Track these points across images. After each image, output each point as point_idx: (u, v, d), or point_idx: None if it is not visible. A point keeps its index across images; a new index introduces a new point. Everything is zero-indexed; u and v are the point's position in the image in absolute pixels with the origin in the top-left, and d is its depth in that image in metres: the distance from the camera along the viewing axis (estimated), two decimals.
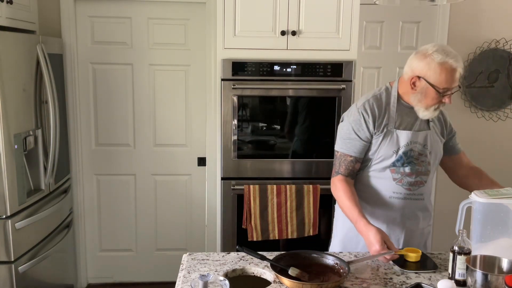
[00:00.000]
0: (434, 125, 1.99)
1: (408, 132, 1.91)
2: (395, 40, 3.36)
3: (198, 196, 3.53)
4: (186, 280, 1.61)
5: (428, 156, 1.95)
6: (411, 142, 1.91)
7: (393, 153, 1.91)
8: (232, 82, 2.75)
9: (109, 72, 3.36)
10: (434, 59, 1.80)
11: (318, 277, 1.63)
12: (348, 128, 1.95)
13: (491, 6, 3.33)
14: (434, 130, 1.99)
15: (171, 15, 3.31)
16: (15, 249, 2.45)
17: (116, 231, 3.55)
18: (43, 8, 3.17)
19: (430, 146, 1.96)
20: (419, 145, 1.93)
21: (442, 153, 2.04)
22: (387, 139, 1.91)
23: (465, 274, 1.57)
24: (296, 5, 2.72)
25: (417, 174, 1.94)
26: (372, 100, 1.94)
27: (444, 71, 1.79)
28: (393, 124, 1.92)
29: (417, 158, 1.93)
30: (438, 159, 2.03)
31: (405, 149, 1.91)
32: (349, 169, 1.95)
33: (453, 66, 1.79)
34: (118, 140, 3.45)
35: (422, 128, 1.95)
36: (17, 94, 2.48)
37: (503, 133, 3.48)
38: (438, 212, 3.55)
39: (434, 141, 1.98)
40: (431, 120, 1.98)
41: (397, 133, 1.91)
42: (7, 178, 2.39)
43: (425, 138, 1.94)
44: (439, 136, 2.01)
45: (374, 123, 1.91)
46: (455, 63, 1.79)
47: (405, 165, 1.91)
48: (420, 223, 2.00)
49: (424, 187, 1.97)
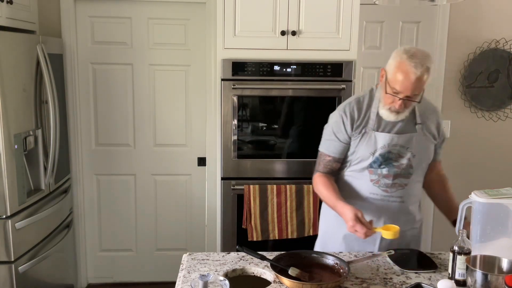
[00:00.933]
0: (424, 127, 1.96)
1: (386, 135, 1.90)
2: (395, 40, 3.36)
3: (198, 196, 3.53)
4: (186, 280, 1.61)
5: (411, 159, 1.92)
6: (390, 144, 1.89)
7: (370, 154, 1.91)
8: (232, 82, 2.75)
9: (109, 72, 3.36)
10: (398, 55, 1.78)
11: (318, 277, 1.63)
12: (329, 129, 1.99)
13: (491, 6, 3.33)
14: (422, 133, 1.95)
15: (171, 15, 3.31)
16: (15, 249, 2.45)
17: (116, 231, 3.55)
18: (43, 8, 3.17)
19: (415, 149, 1.93)
20: (401, 148, 1.91)
21: (431, 157, 2.01)
22: (364, 140, 1.92)
23: (465, 274, 1.57)
24: (296, 5, 2.72)
25: (395, 177, 1.92)
26: (354, 103, 1.95)
27: (399, 72, 1.76)
28: (372, 126, 1.91)
29: (397, 160, 1.91)
30: (425, 162, 1.99)
31: (382, 151, 1.90)
32: (327, 167, 1.99)
33: (408, 69, 1.73)
34: (118, 140, 3.45)
35: (406, 130, 1.92)
36: (17, 94, 2.48)
37: (503, 133, 3.48)
38: (438, 212, 3.54)
39: (421, 144, 1.94)
40: (421, 122, 1.94)
41: (375, 135, 1.91)
42: (7, 178, 2.39)
43: (408, 140, 1.91)
44: (431, 139, 1.98)
45: (352, 125, 1.92)
46: (413, 68, 1.73)
47: (382, 166, 1.90)
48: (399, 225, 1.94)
49: (404, 190, 1.95)
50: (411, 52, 1.76)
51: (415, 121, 1.95)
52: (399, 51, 1.80)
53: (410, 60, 1.74)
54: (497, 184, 2.55)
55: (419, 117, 1.95)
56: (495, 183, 2.82)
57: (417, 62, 1.73)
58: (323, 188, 1.94)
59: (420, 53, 1.77)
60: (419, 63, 1.73)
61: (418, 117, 1.95)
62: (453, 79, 3.40)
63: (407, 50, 1.78)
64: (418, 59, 1.74)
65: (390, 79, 1.80)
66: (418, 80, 1.74)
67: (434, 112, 2.02)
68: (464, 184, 3.46)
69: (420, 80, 1.75)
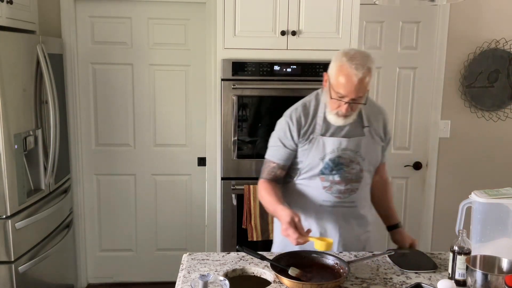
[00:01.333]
0: (371, 129, 1.93)
1: (334, 139, 1.87)
2: (395, 40, 3.36)
3: (198, 196, 3.53)
4: (186, 280, 1.61)
5: (361, 163, 1.90)
6: (339, 149, 1.87)
7: (319, 160, 1.87)
8: (232, 82, 2.75)
9: (109, 72, 3.36)
10: (339, 58, 1.76)
11: (318, 277, 1.63)
12: (275, 136, 1.94)
13: (491, 6, 3.33)
14: (370, 135, 1.92)
15: (171, 15, 3.31)
16: (15, 249, 2.45)
17: (116, 231, 3.55)
18: (43, 8, 3.17)
19: (364, 153, 1.90)
20: (350, 152, 1.88)
21: (379, 159, 1.99)
22: (312, 146, 1.88)
23: (465, 274, 1.57)
24: (296, 5, 2.72)
25: (347, 182, 1.89)
26: (300, 109, 1.91)
27: (340, 74, 1.73)
28: (320, 131, 1.88)
29: (348, 165, 1.88)
30: (374, 165, 1.97)
31: (331, 156, 1.87)
32: (271, 174, 1.94)
33: (350, 71, 1.71)
34: (118, 140, 3.45)
35: (354, 134, 1.89)
36: (17, 94, 2.48)
37: (503, 133, 3.48)
38: (438, 212, 3.56)
39: (369, 146, 1.92)
40: (368, 125, 1.92)
41: (323, 140, 1.87)
42: (7, 178, 2.39)
43: (357, 144, 1.89)
44: (378, 141, 1.96)
45: (298, 132, 1.88)
46: (354, 70, 1.70)
47: (334, 172, 1.87)
48: (354, 230, 1.96)
49: (356, 194, 1.92)
50: (351, 54, 1.74)
51: (362, 124, 1.92)
52: (339, 54, 1.77)
53: (350, 63, 1.71)
54: (497, 184, 2.55)
55: (366, 120, 1.92)
56: (495, 183, 2.82)
57: (358, 64, 1.71)
58: (265, 193, 1.89)
59: (359, 55, 1.75)
60: (359, 64, 1.71)
61: (365, 120, 1.92)
62: (453, 79, 3.40)
63: (346, 53, 1.75)
64: (358, 60, 1.72)
65: (333, 84, 1.77)
66: (361, 82, 1.72)
67: (380, 113, 1.99)
68: (464, 184, 3.48)
69: (363, 82, 1.72)
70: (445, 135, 3.46)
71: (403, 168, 3.50)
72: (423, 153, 3.50)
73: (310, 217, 1.93)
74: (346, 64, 1.72)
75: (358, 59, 1.72)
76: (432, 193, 3.53)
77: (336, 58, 1.78)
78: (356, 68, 1.70)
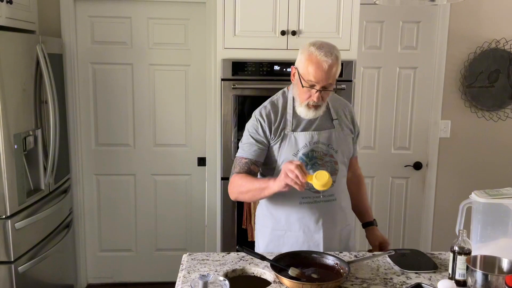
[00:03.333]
0: (341, 122, 1.96)
1: (305, 133, 1.88)
2: (395, 40, 3.36)
3: (198, 196, 3.53)
4: (186, 280, 1.61)
5: (334, 155, 1.92)
6: (311, 142, 1.88)
7: (293, 156, 1.87)
8: (232, 82, 2.75)
9: (109, 72, 3.36)
10: (306, 49, 1.80)
11: (318, 277, 1.63)
12: (246, 134, 1.95)
13: (491, 5, 3.33)
14: (340, 128, 1.95)
15: (171, 15, 3.31)
16: (15, 249, 2.45)
17: (116, 231, 3.55)
18: (43, 8, 3.16)
19: (336, 145, 1.92)
20: (322, 145, 1.89)
21: (351, 151, 2.01)
22: (285, 143, 1.89)
23: (465, 274, 1.56)
24: (296, 5, 2.72)
25: None
26: (269, 106, 1.93)
27: (310, 63, 1.78)
28: (290, 127, 1.89)
29: (322, 158, 1.89)
30: (347, 156, 1.99)
31: (304, 151, 1.88)
32: (243, 168, 1.89)
33: (319, 59, 1.76)
34: (118, 140, 3.45)
35: (324, 127, 1.92)
36: (17, 94, 2.48)
37: (503, 133, 3.48)
38: (438, 212, 3.55)
39: (340, 139, 1.94)
40: (337, 117, 1.95)
41: (294, 135, 1.88)
42: (7, 178, 2.39)
43: (329, 137, 1.91)
44: (348, 133, 1.98)
45: (270, 128, 1.89)
46: (323, 57, 1.76)
47: (309, 167, 1.87)
48: (337, 224, 1.95)
49: (334, 187, 1.91)
50: (318, 44, 1.80)
51: (331, 117, 1.94)
52: (306, 45, 1.82)
53: (319, 51, 1.77)
54: (497, 184, 2.55)
55: (334, 112, 1.95)
56: (495, 183, 2.82)
57: (326, 51, 1.77)
58: (245, 181, 1.84)
59: (326, 44, 1.81)
60: (328, 51, 1.77)
61: (333, 113, 1.95)
62: (453, 79, 3.40)
63: (314, 43, 1.81)
64: (326, 47, 1.78)
65: (303, 74, 1.81)
66: (330, 68, 1.76)
67: (346, 105, 2.03)
68: (464, 184, 3.48)
69: (332, 68, 1.77)
70: (445, 135, 3.46)
71: (403, 168, 3.50)
72: (423, 153, 3.50)
73: (291, 216, 1.92)
74: (315, 52, 1.77)
75: (325, 48, 1.78)
76: (432, 193, 3.52)
77: (303, 50, 1.83)
78: (325, 55, 1.76)
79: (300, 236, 1.91)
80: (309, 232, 1.91)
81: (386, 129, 3.46)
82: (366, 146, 3.46)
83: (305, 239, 1.91)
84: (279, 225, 1.95)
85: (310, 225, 1.91)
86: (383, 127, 3.45)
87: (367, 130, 3.45)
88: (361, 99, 3.39)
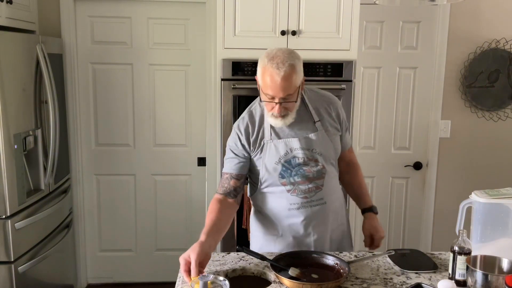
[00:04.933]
0: (323, 122, 1.89)
1: (285, 140, 1.84)
2: (395, 40, 3.36)
3: (198, 196, 3.53)
4: (186, 280, 1.61)
5: (319, 158, 1.86)
6: (293, 149, 1.83)
7: (275, 164, 1.84)
8: (232, 82, 2.75)
9: (109, 72, 3.36)
10: (261, 60, 1.76)
11: (318, 277, 1.63)
12: (227, 148, 1.93)
13: (491, 6, 3.33)
14: (323, 128, 1.88)
15: (171, 15, 3.31)
16: (15, 249, 2.45)
17: (116, 231, 3.55)
18: (43, 8, 3.16)
19: (320, 148, 1.86)
20: (304, 150, 1.84)
21: (338, 150, 1.94)
22: (265, 152, 1.85)
23: (465, 274, 1.56)
24: (296, 5, 2.72)
25: (310, 180, 1.85)
26: (247, 118, 1.90)
27: (265, 77, 1.72)
28: (269, 136, 1.85)
29: (306, 163, 1.84)
30: (333, 158, 1.91)
31: (286, 158, 1.83)
32: (224, 186, 1.88)
33: (272, 72, 1.70)
34: (118, 140, 3.45)
35: (306, 131, 1.86)
36: (17, 94, 2.48)
37: (503, 133, 3.48)
38: (438, 212, 3.56)
39: (324, 140, 1.87)
40: (319, 119, 1.88)
41: (274, 143, 1.84)
42: (7, 178, 2.39)
43: (310, 141, 1.85)
44: (334, 132, 1.91)
45: (248, 141, 1.86)
46: (275, 69, 1.69)
47: (293, 174, 1.84)
48: (328, 226, 1.93)
49: (322, 191, 1.88)
50: (272, 55, 1.73)
51: (313, 119, 1.88)
52: (262, 56, 1.77)
53: (271, 63, 1.70)
54: (497, 184, 2.56)
55: (315, 114, 1.88)
56: (495, 183, 2.83)
57: (278, 62, 1.69)
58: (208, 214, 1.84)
59: (281, 53, 1.73)
60: (280, 63, 1.69)
61: (314, 114, 1.88)
62: (453, 79, 3.40)
63: (268, 53, 1.75)
64: (279, 59, 1.70)
65: (261, 86, 1.76)
66: (285, 80, 1.69)
67: (330, 102, 1.94)
68: (464, 184, 3.48)
69: (287, 79, 1.70)
70: (445, 135, 3.46)
71: (403, 168, 3.50)
72: (423, 153, 3.50)
73: (282, 222, 1.91)
74: (268, 64, 1.71)
75: (279, 58, 1.71)
76: (432, 193, 3.52)
77: (260, 61, 1.77)
78: (278, 67, 1.69)
79: (291, 241, 1.91)
80: (299, 237, 1.91)
81: (386, 129, 3.46)
82: (366, 146, 3.47)
83: (296, 244, 1.90)
84: (270, 231, 1.94)
85: (300, 230, 1.90)
86: (383, 127, 3.45)
87: (367, 130, 3.45)
88: (361, 99, 3.39)
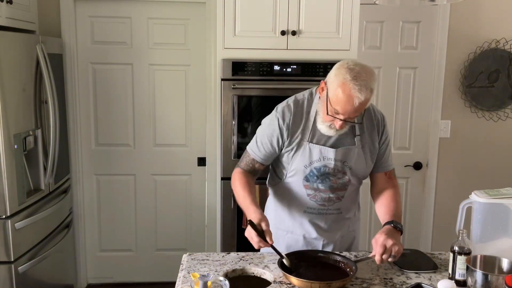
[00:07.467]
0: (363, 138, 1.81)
1: (321, 148, 1.77)
2: (395, 40, 3.36)
3: (198, 196, 3.53)
4: (186, 280, 1.61)
5: (348, 172, 1.81)
6: (326, 158, 1.77)
7: (305, 167, 1.80)
8: (232, 82, 2.75)
9: (109, 72, 3.36)
10: (342, 73, 1.61)
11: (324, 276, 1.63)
12: (263, 131, 1.86)
13: (491, 6, 3.33)
14: (361, 144, 1.81)
15: (171, 15, 3.31)
16: (15, 249, 2.45)
17: (116, 231, 3.55)
18: (43, 8, 3.16)
19: (352, 162, 1.80)
20: (337, 162, 1.78)
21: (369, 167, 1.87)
22: (299, 152, 1.79)
23: (465, 274, 1.56)
24: (296, 5, 2.72)
25: (333, 191, 1.83)
26: (293, 108, 1.80)
27: (341, 93, 1.60)
28: (307, 137, 1.78)
29: (334, 174, 1.80)
30: (362, 174, 1.86)
31: (317, 165, 1.78)
32: (248, 166, 1.88)
33: (352, 93, 1.57)
34: (118, 140, 3.45)
35: (344, 143, 1.79)
36: (17, 94, 2.48)
37: (503, 133, 3.48)
38: (438, 212, 3.55)
39: (358, 156, 1.81)
40: (359, 133, 1.80)
41: (310, 146, 1.78)
42: (7, 178, 2.39)
43: (345, 154, 1.79)
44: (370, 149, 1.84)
45: (288, 130, 1.79)
46: (357, 92, 1.57)
47: (319, 181, 1.80)
48: (339, 232, 1.93)
49: (341, 202, 1.86)
50: (355, 72, 1.59)
51: (354, 132, 1.81)
52: (342, 69, 1.62)
53: (354, 83, 1.57)
54: (497, 184, 2.55)
55: (358, 128, 1.81)
56: (495, 183, 2.82)
57: (362, 85, 1.57)
58: (240, 186, 1.81)
59: (364, 72, 1.60)
60: (363, 85, 1.58)
61: (357, 128, 1.81)
62: (453, 79, 3.40)
63: (351, 69, 1.60)
64: (363, 80, 1.58)
65: (331, 98, 1.64)
66: (362, 105, 1.61)
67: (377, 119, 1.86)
68: (464, 184, 3.48)
69: (364, 104, 1.62)
70: (445, 135, 3.46)
71: (403, 168, 3.50)
72: (423, 153, 3.50)
73: (295, 220, 1.92)
74: (350, 83, 1.58)
75: (362, 79, 1.58)
76: (432, 193, 3.52)
77: (338, 72, 1.63)
78: (360, 90, 1.57)
79: (301, 240, 1.92)
80: (309, 238, 1.92)
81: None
82: None
83: (305, 244, 1.92)
84: (282, 225, 1.95)
85: (311, 232, 1.91)
86: None
87: None
88: None
